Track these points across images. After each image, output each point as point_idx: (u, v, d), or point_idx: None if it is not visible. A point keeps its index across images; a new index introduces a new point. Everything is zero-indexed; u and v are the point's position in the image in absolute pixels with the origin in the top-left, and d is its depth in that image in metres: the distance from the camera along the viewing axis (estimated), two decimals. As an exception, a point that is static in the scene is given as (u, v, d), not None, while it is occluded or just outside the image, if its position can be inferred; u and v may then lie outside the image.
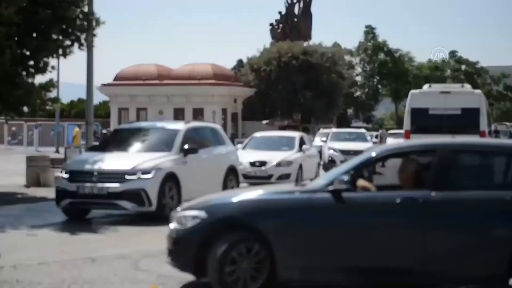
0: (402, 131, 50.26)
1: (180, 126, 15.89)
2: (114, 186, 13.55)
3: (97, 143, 20.38)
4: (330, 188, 7.58)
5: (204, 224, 7.65)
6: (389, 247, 7.46)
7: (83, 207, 14.17)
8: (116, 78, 53.29)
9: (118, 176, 13.68)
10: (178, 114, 50.77)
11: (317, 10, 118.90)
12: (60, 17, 17.26)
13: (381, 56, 77.74)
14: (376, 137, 42.03)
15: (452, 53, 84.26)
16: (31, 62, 18.13)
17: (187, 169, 14.66)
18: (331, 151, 29.76)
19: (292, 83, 51.88)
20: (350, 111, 75.86)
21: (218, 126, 18.46)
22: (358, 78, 77.37)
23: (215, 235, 7.56)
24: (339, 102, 56.89)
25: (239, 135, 49.63)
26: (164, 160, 14.34)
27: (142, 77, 51.73)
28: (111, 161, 14.24)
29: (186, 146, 14.92)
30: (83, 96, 25.10)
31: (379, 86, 79.81)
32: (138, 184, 13.55)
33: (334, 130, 36.37)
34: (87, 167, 14.10)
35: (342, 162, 20.22)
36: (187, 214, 7.84)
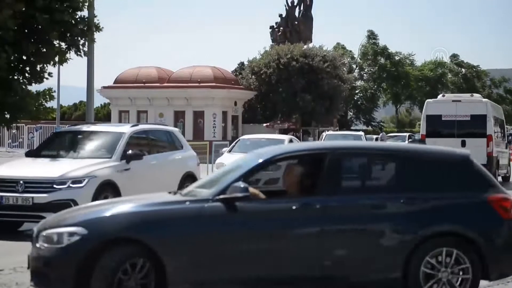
0: (401, 134, 52.09)
1: (124, 129, 14.34)
2: (40, 196, 12.18)
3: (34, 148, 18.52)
4: (224, 196, 7.17)
5: (84, 241, 6.94)
6: (288, 255, 7.22)
7: (8, 219, 12.62)
8: (116, 81, 53.30)
9: (45, 185, 12.31)
10: (179, 117, 50.84)
11: (317, 13, 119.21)
12: (58, 21, 17.12)
13: (381, 60, 77.78)
14: (377, 140, 42.00)
15: (454, 56, 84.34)
16: (28, 68, 17.93)
17: (130, 177, 13.31)
18: None
19: (292, 86, 51.90)
20: (350, 114, 75.88)
21: (175, 129, 16.90)
22: (359, 82, 77.33)
23: (99, 253, 6.92)
24: (339, 105, 56.86)
25: (240, 138, 49.63)
26: (101, 167, 12.97)
27: (142, 80, 51.76)
28: (41, 168, 12.84)
29: (129, 152, 13.56)
30: (84, 99, 25.14)
31: (380, 90, 79.81)
32: (67, 195, 12.15)
33: (330, 132, 35.92)
34: (13, 174, 12.69)
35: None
36: (61, 231, 7.04)
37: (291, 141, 22.94)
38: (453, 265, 7.31)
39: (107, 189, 12.72)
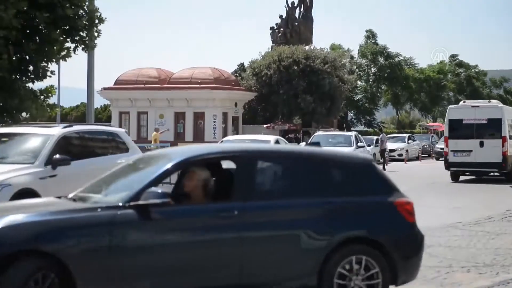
0: (401, 135, 53.49)
1: (53, 131, 12.82)
2: None
3: None
4: (140, 203, 6.67)
5: None
6: (208, 264, 6.86)
7: None
8: (116, 82, 53.35)
9: None
10: (179, 118, 50.87)
11: (318, 14, 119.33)
12: (61, 16, 17.09)
13: (381, 60, 77.79)
14: (377, 141, 41.90)
15: (453, 57, 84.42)
16: (30, 67, 17.91)
17: (56, 185, 11.71)
18: None
19: (293, 87, 51.94)
20: (351, 115, 75.87)
21: (120, 130, 15.13)
22: (359, 82, 77.33)
23: (2, 267, 6.22)
24: (340, 106, 56.90)
25: (240, 139, 49.56)
26: (18, 173, 11.53)
27: (142, 81, 51.81)
28: None
29: (55, 156, 12.12)
30: (84, 100, 25.18)
31: (379, 91, 79.84)
32: None
33: (319, 133, 35.14)
34: None
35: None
36: None
37: (277, 141, 22.44)
38: (364, 271, 7.24)
39: (26, 198, 10.88)
